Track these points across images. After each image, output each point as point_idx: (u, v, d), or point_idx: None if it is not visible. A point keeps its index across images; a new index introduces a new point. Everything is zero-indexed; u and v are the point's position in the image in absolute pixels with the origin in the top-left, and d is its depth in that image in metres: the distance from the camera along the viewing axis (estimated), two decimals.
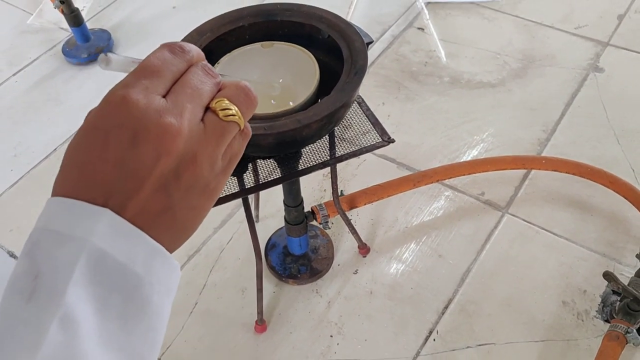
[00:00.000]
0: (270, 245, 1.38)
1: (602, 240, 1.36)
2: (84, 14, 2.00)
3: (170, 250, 0.35)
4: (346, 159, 0.97)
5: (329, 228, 1.36)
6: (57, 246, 0.31)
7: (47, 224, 0.32)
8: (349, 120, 1.02)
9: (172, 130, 0.33)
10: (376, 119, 1.00)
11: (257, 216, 1.45)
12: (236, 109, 0.37)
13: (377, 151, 1.44)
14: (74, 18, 1.78)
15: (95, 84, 1.79)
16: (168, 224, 0.34)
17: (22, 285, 0.31)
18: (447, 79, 1.75)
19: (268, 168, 1.03)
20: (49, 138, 1.67)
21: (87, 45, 1.85)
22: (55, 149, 1.65)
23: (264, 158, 0.99)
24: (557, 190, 1.47)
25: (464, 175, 1.42)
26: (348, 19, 1.94)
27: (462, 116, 1.65)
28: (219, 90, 0.38)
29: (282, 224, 1.34)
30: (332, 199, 1.26)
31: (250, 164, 1.00)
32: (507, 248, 1.37)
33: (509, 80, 1.73)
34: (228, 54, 0.94)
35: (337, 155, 0.99)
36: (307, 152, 1.02)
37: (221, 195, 0.97)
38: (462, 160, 1.53)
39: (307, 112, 0.84)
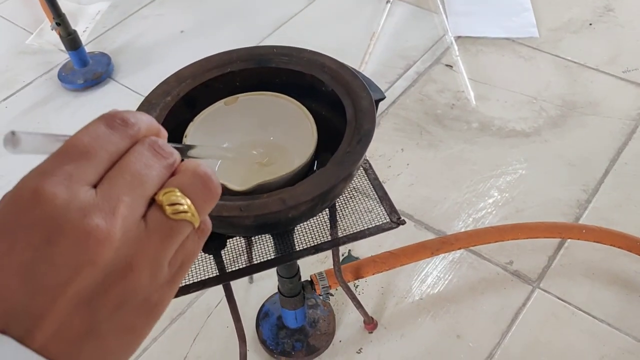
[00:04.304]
0: (263, 314, 1.20)
1: None
2: (85, 35, 1.88)
3: None
4: (344, 243, 0.79)
5: (329, 300, 1.19)
6: None
7: None
8: (351, 190, 0.85)
9: (98, 235, 0.26)
10: (384, 192, 0.82)
11: (251, 276, 1.28)
12: (189, 203, 0.29)
13: None
14: (71, 41, 1.65)
15: (89, 112, 1.65)
16: (93, 350, 0.27)
17: None
18: (476, 125, 1.56)
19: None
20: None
21: (84, 70, 1.71)
22: None
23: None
24: (599, 263, 1.27)
25: (489, 243, 1.23)
26: (369, 52, 1.78)
27: (490, 169, 1.46)
28: (173, 174, 0.30)
29: None
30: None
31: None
32: (537, 332, 1.18)
33: (546, 130, 1.54)
34: (207, 109, 0.78)
35: (338, 236, 0.82)
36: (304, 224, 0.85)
37: (195, 281, 0.81)
38: (488, 223, 1.35)
39: (295, 190, 0.67)
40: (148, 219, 0.29)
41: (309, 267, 1.27)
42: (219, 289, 1.26)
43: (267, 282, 1.28)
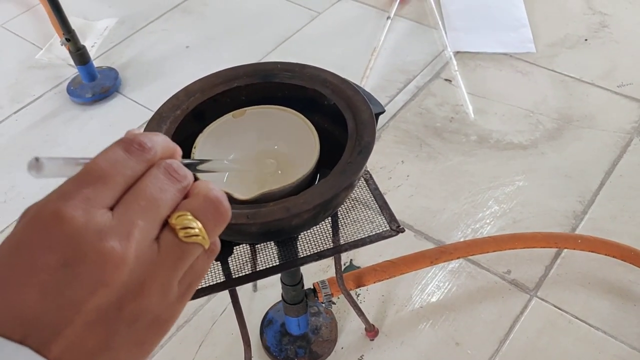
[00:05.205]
0: (267, 321, 1.23)
1: None
2: (93, 50, 1.93)
3: None
4: (345, 250, 0.83)
5: (331, 307, 1.21)
6: None
7: None
8: (352, 200, 0.88)
9: (113, 258, 0.27)
10: (384, 202, 0.86)
11: (255, 285, 1.31)
12: (200, 226, 0.31)
13: None
14: (80, 56, 1.69)
15: (97, 125, 1.69)
16: None
17: None
18: (474, 138, 1.60)
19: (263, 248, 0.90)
20: (43, 183, 1.54)
21: (92, 84, 1.75)
22: None
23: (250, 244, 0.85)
24: (594, 273, 1.30)
25: (487, 252, 1.26)
26: (370, 66, 1.82)
27: (488, 180, 1.49)
28: (186, 197, 0.31)
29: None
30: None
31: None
32: (534, 339, 1.20)
33: (543, 142, 1.58)
34: (215, 121, 0.82)
35: (340, 243, 0.85)
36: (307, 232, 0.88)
37: (203, 286, 0.84)
38: (486, 233, 1.38)
39: (298, 199, 0.71)
40: (161, 241, 0.30)
41: (312, 275, 1.31)
42: (223, 298, 1.29)
43: (271, 291, 1.31)
